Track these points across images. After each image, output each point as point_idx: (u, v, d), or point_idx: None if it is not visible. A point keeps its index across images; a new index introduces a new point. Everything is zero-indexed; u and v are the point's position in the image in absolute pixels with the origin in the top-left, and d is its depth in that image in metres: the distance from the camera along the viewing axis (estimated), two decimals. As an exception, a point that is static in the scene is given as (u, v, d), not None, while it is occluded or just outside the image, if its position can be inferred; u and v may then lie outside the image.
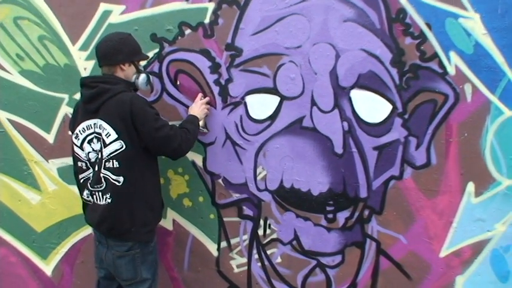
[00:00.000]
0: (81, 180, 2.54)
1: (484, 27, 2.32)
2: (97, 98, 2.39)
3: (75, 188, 3.03)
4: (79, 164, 2.54)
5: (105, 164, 2.41)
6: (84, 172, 2.51)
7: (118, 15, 2.84)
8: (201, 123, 2.66)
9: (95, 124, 2.42)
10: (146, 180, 2.47)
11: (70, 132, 2.59)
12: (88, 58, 2.94)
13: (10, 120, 3.22)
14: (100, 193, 2.45)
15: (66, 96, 3.05)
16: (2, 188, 3.33)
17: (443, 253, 2.55)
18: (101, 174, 2.43)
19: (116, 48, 2.44)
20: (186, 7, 2.72)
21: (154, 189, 2.55)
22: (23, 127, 3.19)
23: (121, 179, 2.40)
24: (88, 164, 2.48)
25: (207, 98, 2.74)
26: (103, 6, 2.87)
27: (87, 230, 3.11)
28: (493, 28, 2.31)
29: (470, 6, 2.33)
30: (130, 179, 2.40)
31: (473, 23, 2.33)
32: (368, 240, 2.65)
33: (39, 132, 3.15)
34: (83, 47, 2.96)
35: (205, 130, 2.78)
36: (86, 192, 2.51)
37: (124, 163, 2.39)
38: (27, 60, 3.11)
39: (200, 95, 2.74)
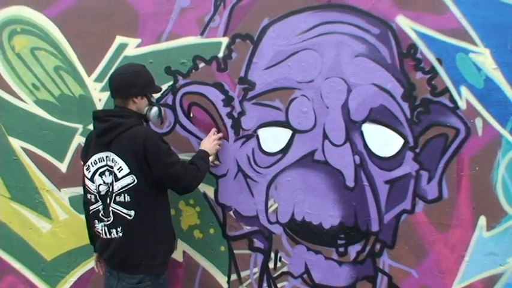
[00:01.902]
0: (91, 212, 2.55)
1: (494, 62, 2.35)
2: (110, 131, 2.41)
3: (86, 218, 3.07)
4: (88, 196, 2.55)
5: (115, 198, 2.41)
6: (93, 204, 2.52)
7: (134, 48, 2.91)
8: (211, 158, 2.66)
9: (107, 157, 2.43)
10: (157, 214, 2.47)
11: (82, 162, 2.61)
12: (103, 89, 2.99)
13: (24, 149, 3.26)
14: (106, 227, 2.46)
15: (80, 127, 3.09)
16: (13, 216, 3.35)
17: (455, 287, 2.52)
18: (110, 208, 2.43)
19: (130, 82, 2.46)
20: (200, 41, 2.78)
21: (166, 222, 2.55)
22: (36, 156, 3.22)
23: (132, 212, 2.40)
24: (97, 197, 2.49)
25: (220, 134, 2.76)
26: (119, 39, 2.93)
27: (97, 260, 3.11)
28: (503, 63, 2.34)
29: (480, 41, 2.36)
30: (142, 213, 2.41)
31: (483, 58, 2.36)
32: (380, 274, 2.62)
33: (52, 161, 3.19)
34: (98, 79, 3.01)
35: (217, 162, 2.80)
36: (98, 224, 2.51)
37: (136, 197, 2.39)
38: (42, 90, 3.17)
39: (214, 129, 2.77)
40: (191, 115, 2.84)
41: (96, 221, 2.51)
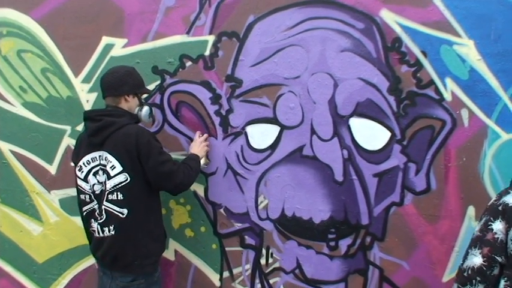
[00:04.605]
0: (85, 213, 2.55)
1: (478, 53, 2.37)
2: (102, 130, 2.41)
3: (76, 219, 3.05)
4: (82, 196, 2.54)
5: (107, 197, 2.42)
6: (87, 204, 2.51)
7: (120, 49, 2.91)
8: (202, 161, 2.67)
9: (100, 156, 2.44)
10: (149, 212, 2.48)
11: (73, 164, 2.61)
12: (90, 90, 2.99)
13: (12, 152, 3.24)
14: (99, 226, 2.46)
15: (68, 128, 3.08)
16: (3, 219, 3.33)
17: (446, 278, 2.53)
18: (103, 207, 2.44)
19: (122, 80, 2.49)
20: (186, 40, 2.79)
21: (157, 221, 2.56)
22: (26, 158, 3.21)
23: (125, 211, 2.40)
24: (92, 196, 2.48)
25: (206, 135, 2.77)
26: (105, 40, 2.94)
27: (89, 262, 3.10)
28: (487, 54, 2.37)
29: (464, 33, 2.38)
30: (134, 211, 2.41)
31: (467, 49, 2.39)
32: (371, 267, 2.64)
33: (41, 164, 3.17)
34: (86, 80, 3.01)
35: (206, 160, 2.79)
36: (94, 223, 2.50)
37: (128, 195, 2.40)
38: (30, 93, 3.16)
39: (198, 132, 2.77)
40: (179, 114, 2.84)
41: (93, 220, 2.51)
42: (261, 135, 2.71)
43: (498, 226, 1.88)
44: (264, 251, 2.80)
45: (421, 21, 2.43)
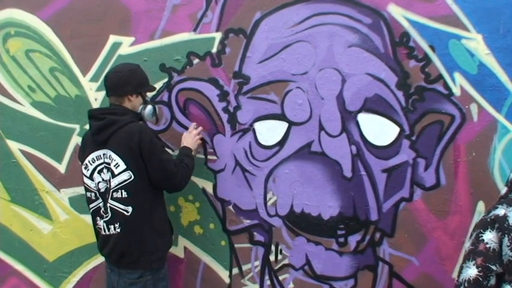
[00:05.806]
0: (92, 210, 2.57)
1: (487, 48, 2.35)
2: (106, 129, 2.44)
3: (86, 217, 3.08)
4: (88, 194, 2.58)
5: (112, 194, 2.44)
6: (93, 202, 2.55)
7: (127, 47, 2.92)
8: (193, 152, 2.68)
9: (104, 154, 2.46)
10: (154, 209, 2.50)
11: (80, 162, 2.63)
12: (98, 89, 3.00)
13: (22, 151, 3.27)
14: (105, 223, 2.48)
15: (77, 127, 3.10)
16: (13, 218, 3.36)
17: (456, 274, 2.52)
18: (108, 204, 2.46)
19: (125, 80, 2.50)
20: (193, 37, 2.80)
21: (162, 217, 2.59)
22: (35, 157, 3.24)
23: (130, 208, 2.43)
24: (97, 194, 2.51)
25: (200, 128, 2.77)
26: (113, 38, 2.95)
27: (99, 259, 3.10)
28: (495, 48, 2.34)
29: (472, 27, 2.36)
30: (139, 208, 2.44)
31: (476, 43, 2.37)
32: (380, 263, 2.63)
33: (50, 162, 3.20)
34: (94, 78, 3.02)
35: (214, 157, 2.81)
36: (100, 221, 2.53)
37: (133, 193, 2.42)
38: (38, 92, 3.18)
39: (194, 124, 2.78)
40: (187, 111, 2.85)
41: (98, 217, 2.54)
42: (269, 132, 2.71)
43: (489, 236, 1.86)
44: (273, 248, 2.81)
45: (429, 15, 2.41)
